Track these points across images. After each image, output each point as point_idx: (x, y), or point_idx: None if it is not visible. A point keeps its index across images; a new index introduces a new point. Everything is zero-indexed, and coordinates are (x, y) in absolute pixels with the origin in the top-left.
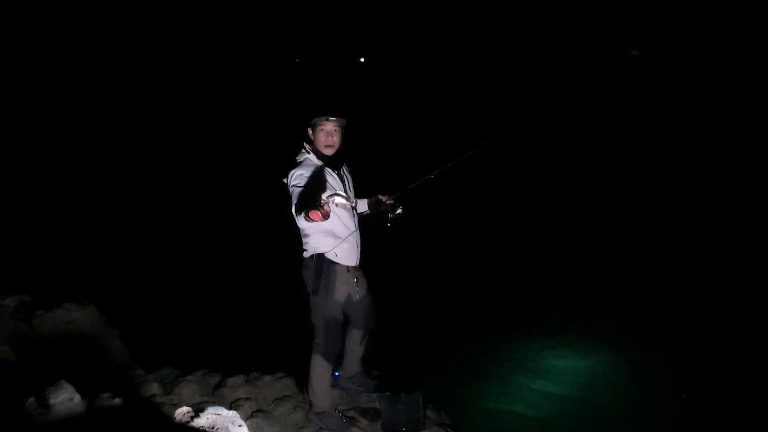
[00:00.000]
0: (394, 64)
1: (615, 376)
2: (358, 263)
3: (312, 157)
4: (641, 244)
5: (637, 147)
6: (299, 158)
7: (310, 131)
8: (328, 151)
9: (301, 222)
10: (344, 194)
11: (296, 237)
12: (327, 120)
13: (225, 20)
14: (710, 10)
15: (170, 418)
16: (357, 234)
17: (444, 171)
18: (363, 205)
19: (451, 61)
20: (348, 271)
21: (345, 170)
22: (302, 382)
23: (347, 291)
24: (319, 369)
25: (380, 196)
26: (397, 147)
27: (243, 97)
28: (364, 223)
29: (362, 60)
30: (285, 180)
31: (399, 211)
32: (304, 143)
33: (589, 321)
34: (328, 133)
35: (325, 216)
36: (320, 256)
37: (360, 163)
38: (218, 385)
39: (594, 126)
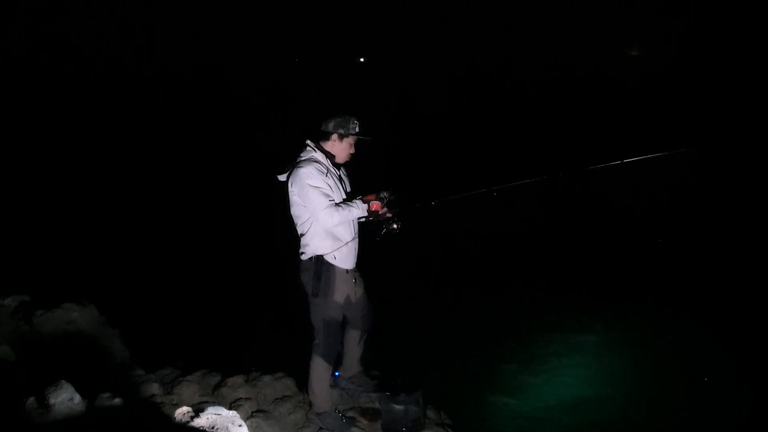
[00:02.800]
0: (394, 64)
1: (622, 376)
2: (354, 266)
3: (320, 156)
4: (642, 243)
5: (637, 146)
6: (305, 155)
7: (334, 136)
8: (341, 161)
9: (328, 221)
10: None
11: (293, 237)
12: (360, 138)
13: (225, 20)
14: (710, 10)
15: (170, 418)
16: (357, 240)
17: (446, 201)
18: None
19: (451, 61)
20: (347, 273)
21: (342, 173)
22: (302, 382)
23: (346, 292)
24: (319, 370)
25: (377, 207)
26: (397, 147)
27: (243, 97)
28: (361, 226)
29: (362, 60)
30: (285, 177)
31: (394, 226)
32: (309, 141)
33: (595, 320)
34: (352, 147)
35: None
36: (319, 259)
37: (360, 164)
38: (218, 385)
39: (593, 125)
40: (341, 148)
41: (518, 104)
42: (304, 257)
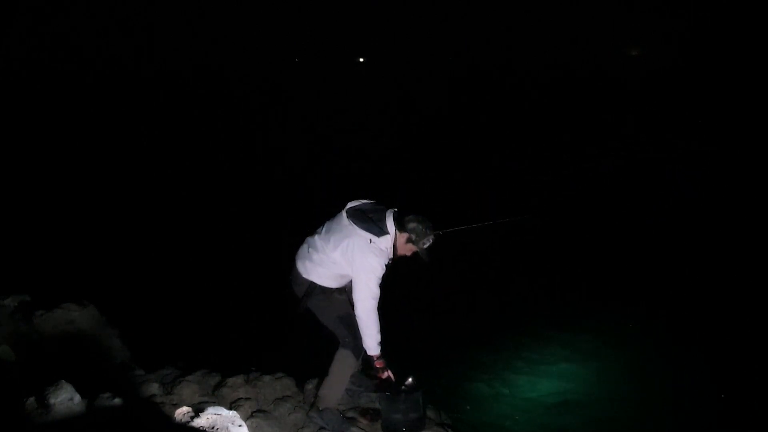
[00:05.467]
0: (394, 64)
1: (624, 378)
2: None
3: (390, 252)
4: (643, 247)
5: (638, 146)
6: (383, 243)
7: (406, 236)
8: (395, 257)
9: (365, 310)
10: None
11: (294, 237)
12: (418, 254)
13: (225, 20)
14: (710, 10)
15: (170, 418)
16: None
17: (453, 232)
18: None
19: (451, 61)
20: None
21: None
22: (302, 382)
23: (345, 297)
24: (346, 364)
25: (379, 365)
26: (397, 147)
27: (243, 97)
28: None
29: (362, 60)
30: (359, 227)
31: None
32: (396, 225)
33: (596, 321)
34: (408, 255)
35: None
36: (316, 285)
37: (363, 168)
38: (218, 385)
39: (593, 124)
40: (402, 248)
41: (518, 104)
42: (303, 273)
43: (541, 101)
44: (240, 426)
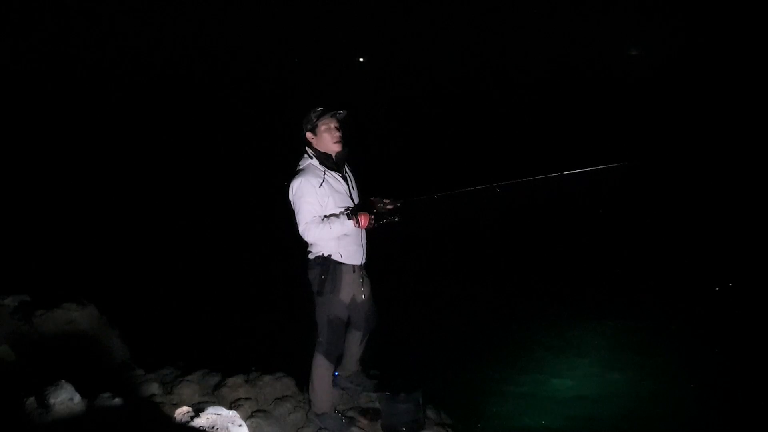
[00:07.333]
0: (394, 64)
1: (622, 376)
2: (363, 262)
3: (315, 162)
4: (643, 247)
5: (638, 147)
6: (301, 164)
7: (309, 135)
8: (337, 147)
9: (305, 236)
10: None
11: (295, 237)
12: (331, 117)
13: (225, 20)
14: (710, 10)
15: (170, 418)
16: (363, 233)
17: (449, 195)
18: None
19: (451, 61)
20: (354, 271)
21: (347, 169)
22: (302, 382)
23: (352, 292)
24: (321, 369)
25: (385, 200)
26: (397, 147)
27: (243, 97)
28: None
29: (362, 60)
30: (288, 185)
31: (396, 219)
32: (307, 148)
33: (595, 319)
34: (334, 130)
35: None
36: (326, 258)
37: (364, 168)
38: (218, 385)
39: (593, 124)
40: (323, 140)
41: (518, 104)
42: (310, 256)
43: (540, 101)
44: (240, 426)
